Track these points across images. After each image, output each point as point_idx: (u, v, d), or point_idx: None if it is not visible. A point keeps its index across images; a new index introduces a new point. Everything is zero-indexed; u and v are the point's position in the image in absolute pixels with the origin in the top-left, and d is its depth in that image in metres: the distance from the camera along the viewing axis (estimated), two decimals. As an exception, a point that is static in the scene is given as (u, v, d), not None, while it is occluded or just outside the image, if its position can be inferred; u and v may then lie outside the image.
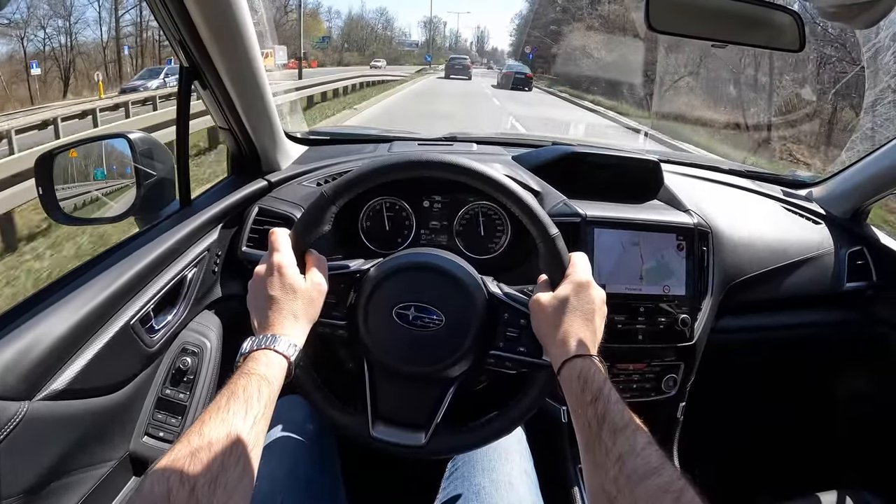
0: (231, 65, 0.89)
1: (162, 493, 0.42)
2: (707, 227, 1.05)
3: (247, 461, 0.49)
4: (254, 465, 0.50)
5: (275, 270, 0.65)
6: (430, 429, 0.71)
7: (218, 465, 0.46)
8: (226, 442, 0.48)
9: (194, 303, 0.94)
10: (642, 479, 0.47)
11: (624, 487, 0.47)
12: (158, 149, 0.98)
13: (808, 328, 1.20)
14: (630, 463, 0.48)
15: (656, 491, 0.45)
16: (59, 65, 19.56)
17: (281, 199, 1.04)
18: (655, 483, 0.46)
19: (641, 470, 0.48)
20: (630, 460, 0.49)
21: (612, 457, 0.50)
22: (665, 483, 0.46)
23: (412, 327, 0.70)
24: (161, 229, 0.91)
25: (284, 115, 1.11)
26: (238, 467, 0.48)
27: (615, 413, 0.54)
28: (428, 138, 1.37)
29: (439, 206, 1.07)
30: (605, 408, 0.54)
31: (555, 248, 0.69)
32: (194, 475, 0.44)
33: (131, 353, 0.81)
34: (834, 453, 1.33)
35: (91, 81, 15.89)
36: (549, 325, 0.65)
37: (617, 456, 0.50)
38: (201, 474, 0.45)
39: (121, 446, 0.84)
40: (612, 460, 0.50)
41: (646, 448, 0.50)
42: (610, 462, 0.50)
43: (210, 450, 0.47)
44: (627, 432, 0.52)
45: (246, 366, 0.57)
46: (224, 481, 0.46)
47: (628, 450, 0.50)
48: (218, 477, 0.45)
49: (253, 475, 0.50)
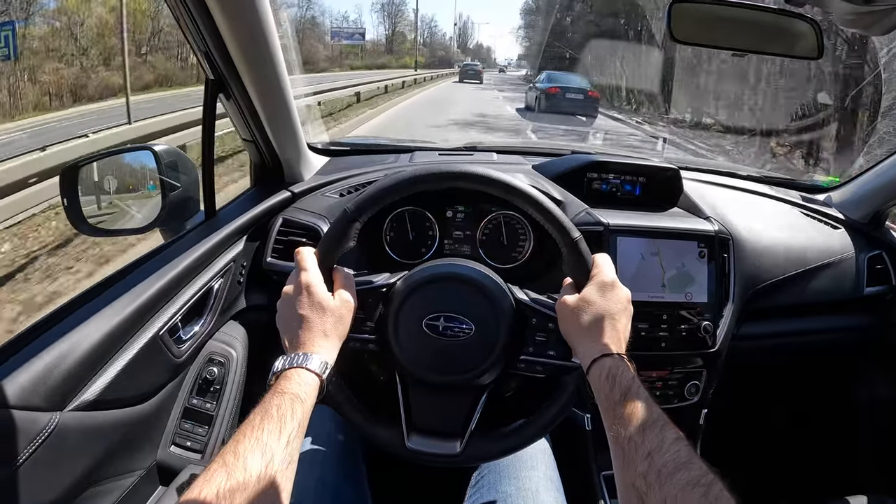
0: (257, 77, 0.90)
1: None
2: (728, 234, 1.05)
3: (282, 480, 0.50)
4: (288, 484, 0.51)
5: (303, 289, 0.66)
6: (465, 437, 0.71)
7: (253, 485, 0.47)
8: (261, 462, 0.49)
9: (220, 313, 0.95)
10: (672, 474, 0.47)
11: (654, 483, 0.47)
12: (183, 161, 1.00)
13: (829, 333, 1.20)
14: (659, 459, 0.49)
15: (685, 485, 0.46)
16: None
17: (304, 210, 1.05)
18: (685, 478, 0.46)
19: (671, 465, 0.48)
20: (659, 456, 0.49)
21: (641, 453, 0.50)
22: (694, 477, 0.46)
23: (442, 337, 0.70)
24: (187, 241, 0.93)
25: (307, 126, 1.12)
26: (273, 488, 0.48)
27: (644, 410, 0.54)
28: (448, 148, 1.38)
29: (462, 216, 1.08)
30: (633, 405, 0.55)
31: (578, 251, 0.69)
32: (230, 495, 0.45)
33: (160, 363, 0.82)
34: (857, 459, 1.32)
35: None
36: (577, 326, 0.66)
37: (646, 452, 0.50)
38: (237, 493, 0.45)
39: (149, 455, 0.85)
40: (642, 456, 0.50)
41: (675, 443, 0.50)
42: (639, 458, 0.50)
43: (245, 470, 0.47)
44: (656, 428, 0.52)
45: (279, 385, 0.58)
46: (260, 501, 0.47)
47: (657, 446, 0.50)
48: (253, 496, 0.46)
49: (288, 493, 0.51)
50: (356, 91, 12.72)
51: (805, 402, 1.40)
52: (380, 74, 23.32)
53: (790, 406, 1.41)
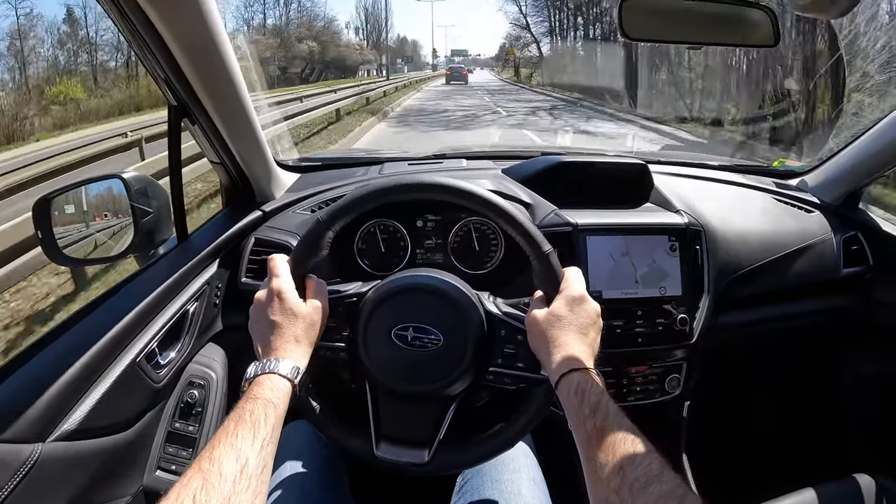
0: (218, 100, 0.91)
1: None
2: (699, 226, 1.06)
3: (257, 484, 0.50)
4: (264, 488, 0.52)
5: (275, 296, 0.67)
6: (433, 446, 0.72)
7: (229, 489, 0.48)
8: (236, 466, 0.50)
9: (198, 336, 0.95)
10: (644, 487, 0.47)
11: (627, 497, 0.48)
12: (153, 186, 1.00)
13: (809, 317, 1.20)
14: (631, 473, 0.49)
15: (658, 499, 0.46)
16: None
17: (276, 229, 1.05)
18: (657, 491, 0.47)
19: (643, 479, 0.48)
20: (631, 470, 0.49)
21: (612, 468, 0.50)
22: (667, 491, 0.46)
23: (411, 348, 0.71)
24: (160, 266, 0.93)
25: (275, 144, 1.12)
26: (249, 490, 0.49)
27: (614, 424, 0.54)
28: (418, 157, 1.38)
29: (433, 225, 1.08)
30: (603, 420, 0.55)
31: (549, 265, 0.70)
32: (206, 499, 0.46)
33: (139, 389, 0.82)
34: (845, 440, 1.32)
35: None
36: (545, 341, 0.66)
37: (618, 467, 0.50)
38: (213, 498, 0.46)
39: (134, 482, 0.85)
40: (614, 471, 0.50)
41: (646, 457, 0.50)
42: (611, 473, 0.50)
43: (220, 475, 0.48)
44: (627, 442, 0.52)
45: (251, 391, 0.59)
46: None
47: (629, 460, 0.50)
48: (230, 499, 0.47)
49: (264, 497, 0.51)
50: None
51: (789, 386, 1.40)
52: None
53: (775, 392, 1.41)
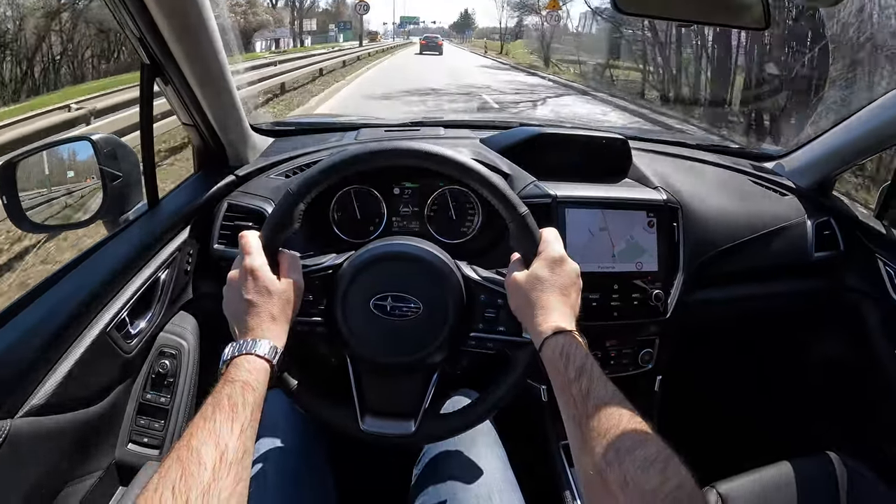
0: (193, 59, 0.87)
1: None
2: (676, 203, 1.06)
3: (238, 470, 0.49)
4: (246, 474, 0.51)
5: (248, 274, 0.65)
6: (419, 416, 0.72)
7: (209, 478, 0.46)
8: (215, 453, 0.48)
9: (169, 304, 0.93)
10: (629, 451, 0.48)
11: (613, 461, 0.48)
12: (123, 149, 0.96)
13: (781, 298, 1.23)
14: (617, 437, 0.49)
15: (643, 462, 0.46)
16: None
17: (250, 194, 1.03)
18: (642, 455, 0.47)
19: (628, 443, 0.48)
20: (616, 434, 0.50)
21: (598, 432, 0.51)
22: (652, 454, 0.47)
23: (391, 317, 0.70)
24: (130, 232, 0.90)
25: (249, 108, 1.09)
26: (230, 477, 0.48)
27: (599, 387, 0.55)
28: (395, 124, 1.36)
29: (409, 193, 1.06)
30: (588, 383, 0.55)
31: (525, 226, 0.69)
32: (186, 489, 0.44)
33: (109, 360, 0.80)
34: (813, 420, 1.37)
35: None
36: (527, 304, 0.65)
37: (604, 431, 0.50)
38: (193, 487, 0.45)
39: (106, 455, 0.83)
40: (600, 435, 0.50)
41: (630, 420, 0.51)
42: (597, 437, 0.50)
43: (200, 463, 0.47)
44: (612, 406, 0.52)
45: (229, 373, 0.57)
46: (217, 492, 0.46)
47: (614, 424, 0.50)
48: (210, 488, 0.46)
49: (246, 483, 0.50)
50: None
51: (761, 365, 1.44)
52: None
53: (746, 370, 1.45)
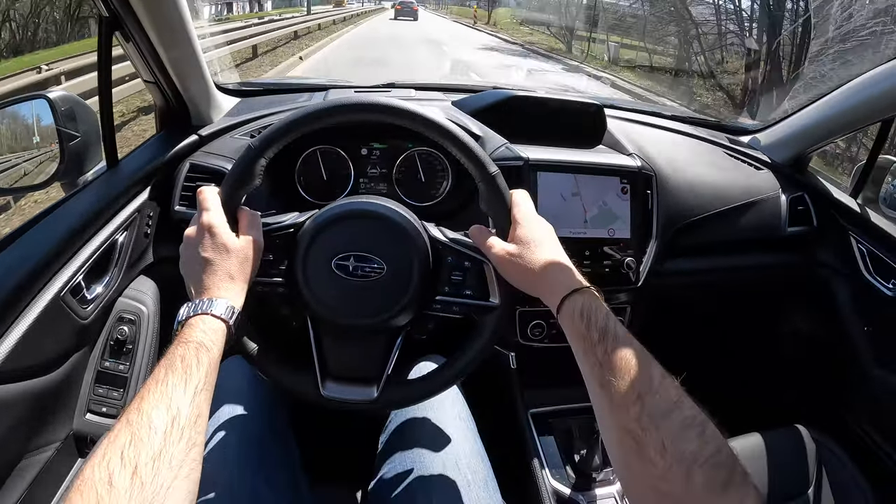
0: (154, 12, 0.83)
1: (103, 477, 0.40)
2: (651, 171, 1.06)
3: (191, 434, 0.47)
4: (200, 437, 0.48)
5: (205, 231, 0.62)
6: (381, 382, 0.70)
7: (160, 442, 0.44)
8: (166, 417, 0.46)
9: (127, 268, 0.89)
10: (665, 415, 0.46)
11: (649, 426, 0.46)
12: (81, 108, 0.92)
13: (753, 271, 1.23)
14: (650, 400, 0.47)
15: (680, 426, 0.45)
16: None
17: (213, 154, 0.99)
18: (679, 418, 0.45)
19: (663, 406, 0.47)
20: (650, 397, 0.48)
21: (630, 396, 0.48)
22: (688, 417, 0.45)
23: (353, 278, 0.67)
24: (86, 193, 0.86)
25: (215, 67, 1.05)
26: (182, 442, 0.45)
27: (626, 348, 0.52)
28: (365, 85, 1.32)
29: (378, 154, 1.04)
30: (614, 345, 0.52)
31: (496, 187, 0.67)
32: (135, 454, 0.42)
33: (65, 327, 0.77)
34: (779, 390, 1.39)
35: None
36: (528, 270, 0.62)
37: (636, 394, 0.48)
38: (142, 453, 0.42)
39: (64, 426, 0.81)
40: (632, 399, 0.48)
41: (662, 383, 0.49)
42: (629, 401, 0.48)
43: (150, 427, 0.44)
44: (642, 368, 0.50)
45: (183, 334, 0.55)
46: (168, 457, 0.43)
47: (647, 387, 0.48)
48: (161, 453, 0.43)
49: (200, 447, 0.48)
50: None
51: (731, 337, 1.46)
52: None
53: (717, 342, 1.46)
